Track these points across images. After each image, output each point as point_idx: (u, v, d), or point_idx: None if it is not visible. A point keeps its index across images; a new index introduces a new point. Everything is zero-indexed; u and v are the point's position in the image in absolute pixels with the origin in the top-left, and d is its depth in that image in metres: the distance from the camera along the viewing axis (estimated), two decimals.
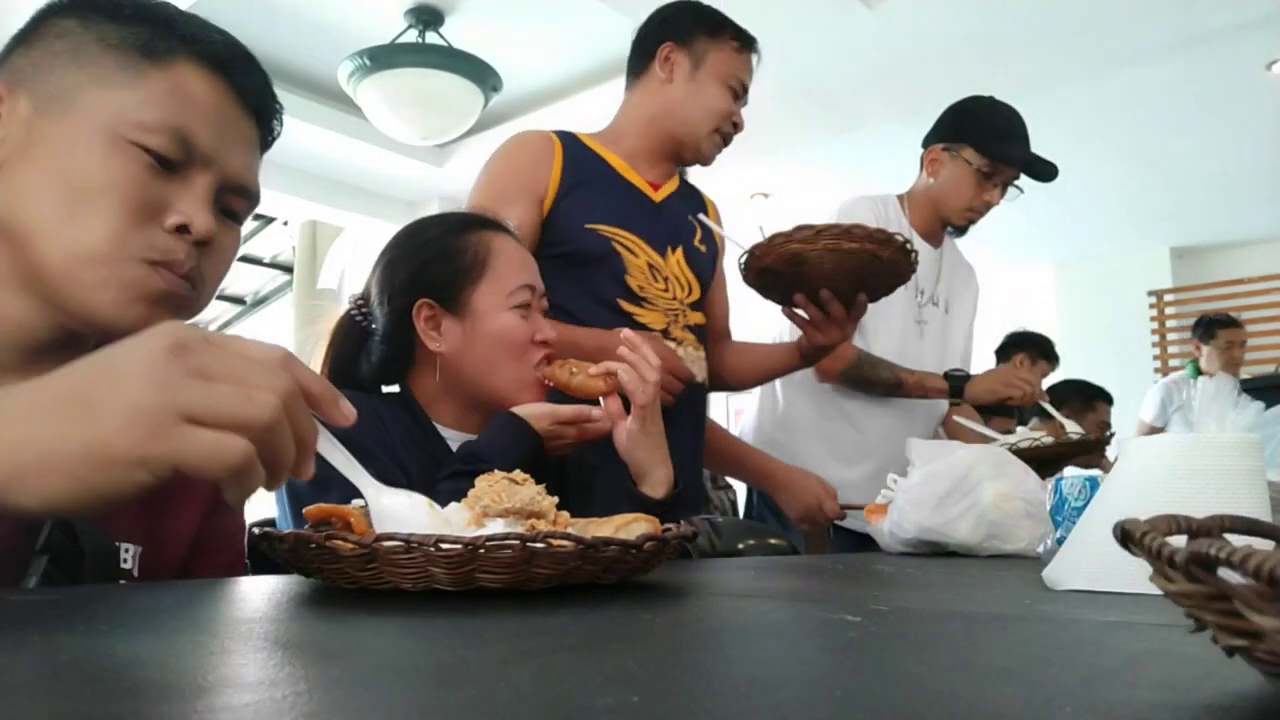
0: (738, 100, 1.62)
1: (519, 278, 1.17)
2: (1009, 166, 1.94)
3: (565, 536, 0.57)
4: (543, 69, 3.79)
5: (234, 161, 0.74)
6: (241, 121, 0.75)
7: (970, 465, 1.23)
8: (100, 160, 0.66)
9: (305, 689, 0.31)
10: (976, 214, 2.00)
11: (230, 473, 0.46)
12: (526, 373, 1.15)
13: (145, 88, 0.69)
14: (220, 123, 0.72)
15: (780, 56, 3.33)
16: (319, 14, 3.35)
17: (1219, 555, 0.26)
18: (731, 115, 1.60)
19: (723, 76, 1.59)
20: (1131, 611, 0.56)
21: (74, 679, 0.32)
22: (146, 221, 0.68)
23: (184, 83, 0.70)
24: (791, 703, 0.30)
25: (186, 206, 0.70)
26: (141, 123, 0.67)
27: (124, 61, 0.69)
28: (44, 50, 0.70)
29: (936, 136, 2.02)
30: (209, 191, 0.71)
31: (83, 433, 0.45)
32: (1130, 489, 0.72)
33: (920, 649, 0.43)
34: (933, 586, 0.78)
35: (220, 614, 0.54)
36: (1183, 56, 3.37)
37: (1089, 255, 5.78)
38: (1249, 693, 0.31)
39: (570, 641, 0.43)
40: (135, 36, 0.70)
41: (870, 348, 1.94)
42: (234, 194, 0.75)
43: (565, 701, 0.29)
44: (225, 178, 0.73)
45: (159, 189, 0.69)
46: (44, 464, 0.45)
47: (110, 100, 0.68)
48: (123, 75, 0.68)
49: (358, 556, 0.56)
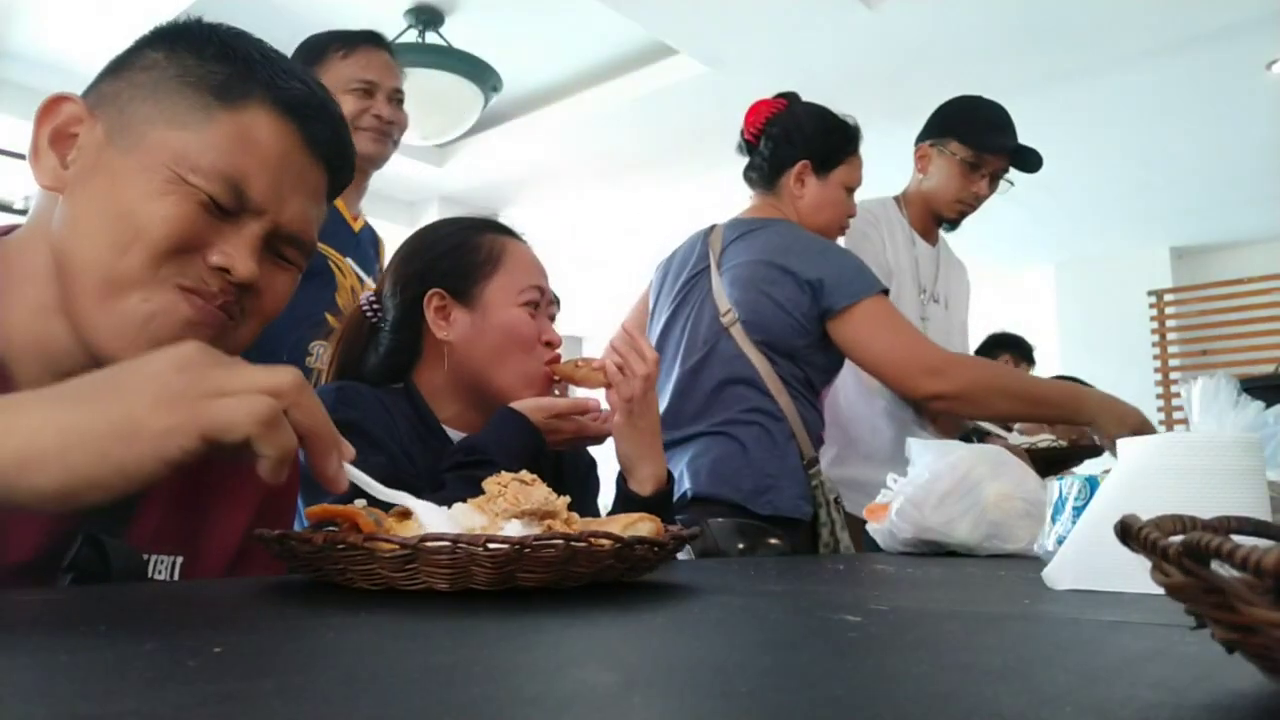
0: (372, 98, 1.74)
1: (530, 278, 1.19)
2: (994, 156, 1.98)
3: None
4: (543, 69, 3.80)
5: (289, 211, 0.72)
6: (307, 170, 0.74)
7: (970, 465, 1.24)
8: (155, 199, 0.66)
9: (308, 689, 0.31)
10: (967, 206, 2.02)
11: (259, 425, 0.49)
12: (532, 368, 1.16)
13: (211, 131, 0.68)
14: (282, 171, 0.71)
15: (780, 56, 3.34)
16: (319, 14, 3.35)
17: (1211, 548, 0.26)
18: (365, 110, 1.73)
19: (341, 85, 1.71)
20: (1131, 611, 0.56)
21: (74, 679, 0.32)
22: (187, 254, 0.68)
23: (251, 128, 0.69)
24: (791, 703, 0.30)
25: (229, 248, 0.69)
26: (199, 167, 0.67)
27: (197, 101, 0.68)
28: (128, 81, 0.70)
29: (925, 134, 2.07)
30: (257, 239, 0.70)
31: (110, 410, 0.48)
32: (1130, 489, 0.72)
33: (920, 649, 0.43)
34: (933, 586, 0.78)
35: (222, 614, 0.53)
36: (1183, 56, 3.37)
37: (1089, 255, 5.78)
38: (1249, 692, 0.31)
39: (571, 642, 0.43)
40: (213, 76, 0.69)
41: None
42: (287, 243, 0.74)
43: (565, 701, 0.29)
44: (278, 226, 0.72)
45: (207, 228, 0.68)
46: (65, 442, 0.47)
47: (175, 140, 0.67)
48: (192, 116, 0.68)
49: (396, 557, 0.56)
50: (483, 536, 0.57)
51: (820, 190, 1.78)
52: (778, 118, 1.84)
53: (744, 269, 1.69)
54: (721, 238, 1.79)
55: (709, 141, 4.10)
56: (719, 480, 1.58)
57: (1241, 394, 0.83)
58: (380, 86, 1.75)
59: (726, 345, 1.66)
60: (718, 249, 1.78)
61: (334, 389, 1.09)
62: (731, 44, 3.29)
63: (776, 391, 1.63)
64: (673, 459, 1.65)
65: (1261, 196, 4.83)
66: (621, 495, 1.12)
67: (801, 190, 1.78)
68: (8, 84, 3.59)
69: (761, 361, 1.63)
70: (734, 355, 1.65)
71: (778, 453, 1.61)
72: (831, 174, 1.79)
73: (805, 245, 1.69)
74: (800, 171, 1.77)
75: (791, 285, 1.64)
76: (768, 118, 1.85)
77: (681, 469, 1.63)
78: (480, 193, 4.80)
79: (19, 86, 3.60)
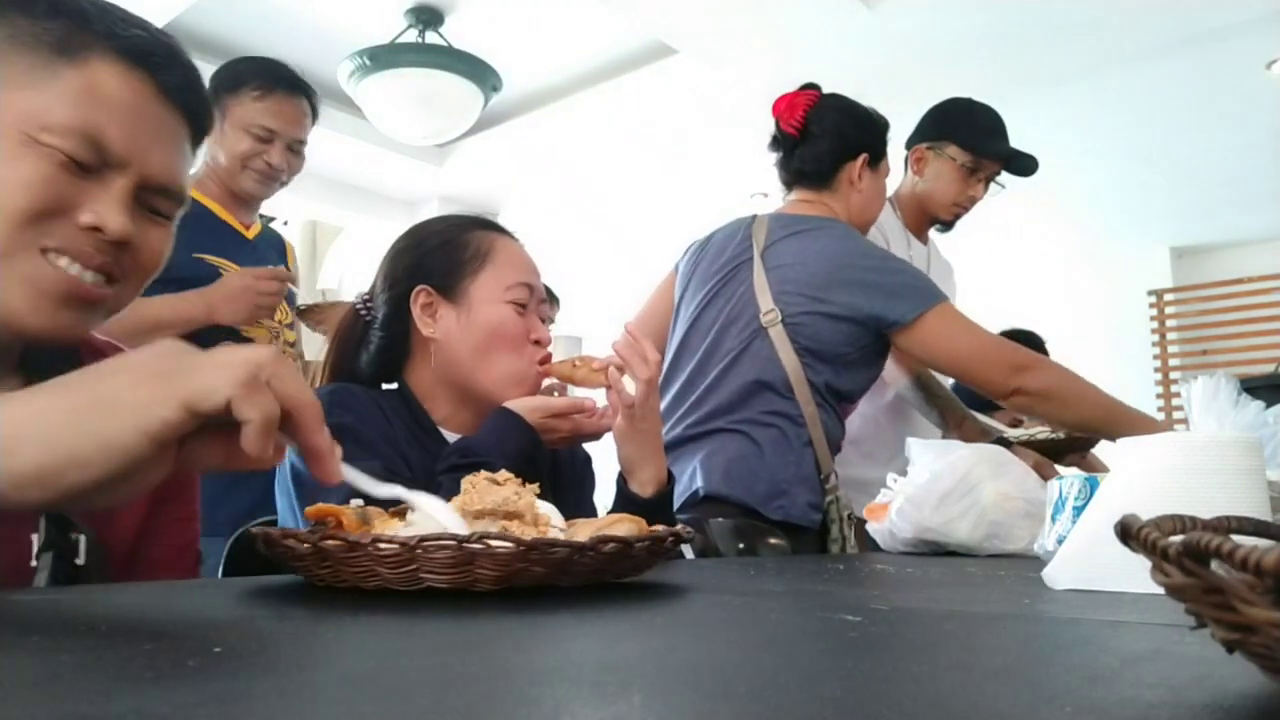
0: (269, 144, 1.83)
1: (518, 275, 1.17)
2: (992, 161, 2.00)
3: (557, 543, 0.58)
4: (543, 69, 3.79)
5: (154, 161, 0.70)
6: (165, 118, 0.72)
7: (970, 465, 1.24)
8: (9, 165, 0.64)
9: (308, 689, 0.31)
10: (963, 209, 2.05)
11: (239, 387, 0.49)
12: (520, 367, 1.14)
13: (57, 88, 0.66)
14: (139, 121, 0.69)
15: (780, 56, 3.34)
16: (319, 14, 3.35)
17: (1211, 548, 0.26)
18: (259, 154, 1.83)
19: (245, 124, 1.81)
20: (1131, 611, 0.56)
21: (74, 679, 0.32)
22: (54, 218, 0.66)
23: (99, 81, 0.67)
24: (791, 703, 0.30)
25: (99, 206, 0.67)
26: (51, 125, 0.65)
27: (37, 60, 0.66)
28: None
29: (920, 136, 2.07)
30: (125, 193, 0.69)
31: (89, 389, 0.49)
32: (1130, 489, 0.72)
33: (920, 649, 0.43)
34: (933, 586, 0.78)
35: (222, 614, 0.53)
36: (1183, 56, 3.37)
37: (1089, 254, 5.78)
38: (1249, 692, 0.31)
39: (571, 642, 0.43)
40: (49, 33, 0.67)
41: None
42: (156, 194, 0.72)
43: (565, 701, 0.29)
44: (145, 178, 0.70)
45: (71, 189, 0.66)
46: (44, 420, 0.47)
47: (20, 101, 0.65)
48: (34, 75, 0.66)
49: (395, 557, 0.56)
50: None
51: (873, 184, 1.79)
52: (822, 110, 1.81)
53: (797, 270, 1.66)
54: (768, 231, 1.76)
55: (709, 141, 4.10)
56: (733, 481, 1.57)
57: (1241, 393, 0.83)
58: (280, 135, 1.83)
59: (761, 346, 1.64)
60: (762, 242, 1.74)
61: (328, 392, 1.08)
62: (731, 44, 3.29)
63: (804, 399, 1.62)
64: (687, 453, 1.64)
65: (1261, 196, 4.83)
66: (622, 496, 1.11)
67: (860, 185, 1.77)
68: None
69: (795, 366, 1.62)
70: (768, 357, 1.64)
71: (793, 458, 1.60)
72: (880, 166, 1.81)
73: (867, 254, 1.68)
74: (861, 166, 1.77)
75: (853, 294, 1.62)
76: (806, 110, 1.82)
77: (695, 465, 1.61)
78: (480, 193, 4.80)
79: None
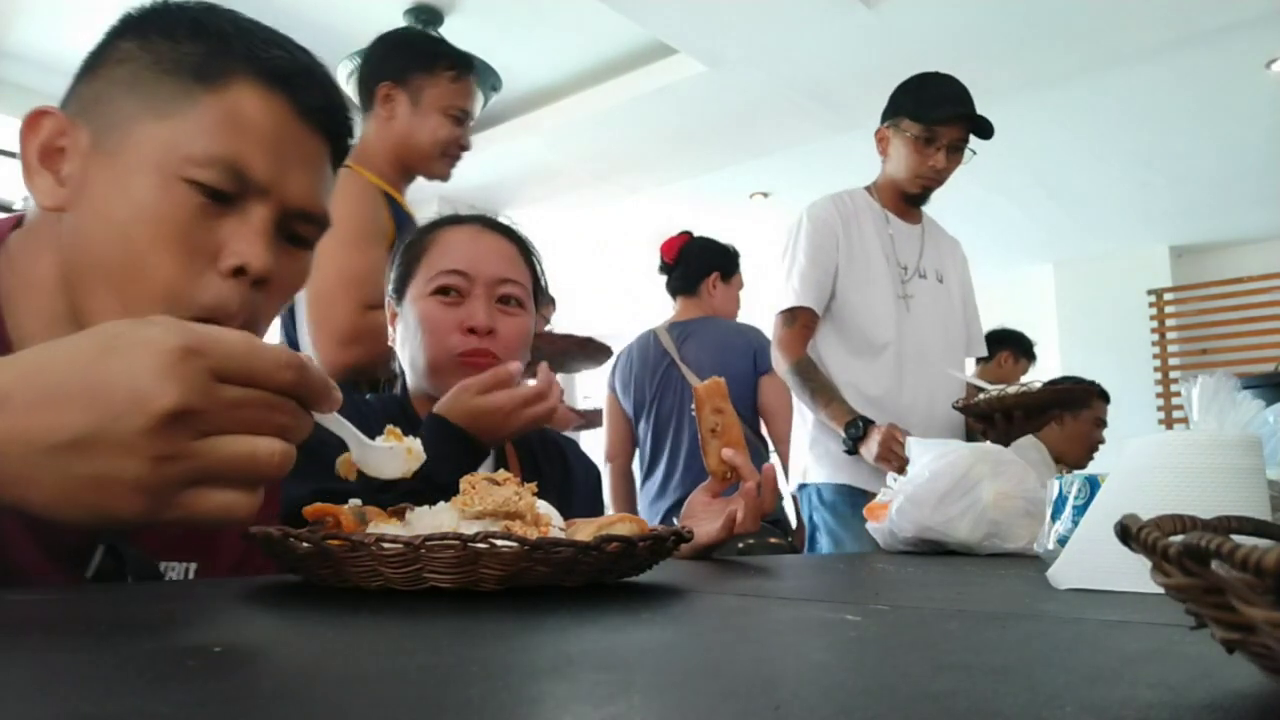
0: (463, 126, 1.85)
1: (444, 263, 1.12)
2: (945, 126, 2.01)
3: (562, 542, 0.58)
4: (543, 69, 3.79)
5: (294, 186, 0.68)
6: (305, 141, 0.69)
7: (970, 464, 1.24)
8: (151, 206, 0.62)
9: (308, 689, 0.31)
10: (928, 180, 2.07)
11: (240, 523, 0.48)
12: (434, 356, 1.10)
13: (197, 116, 0.64)
14: (279, 146, 0.67)
15: (780, 56, 3.34)
16: (319, 13, 3.35)
17: (1211, 548, 0.26)
18: (456, 139, 1.84)
19: (442, 106, 1.81)
20: (1132, 611, 0.56)
21: (74, 679, 0.32)
22: (201, 268, 0.64)
23: (239, 106, 0.65)
24: (791, 702, 0.30)
25: (242, 245, 0.65)
26: (191, 157, 0.63)
27: (178, 88, 0.65)
28: (106, 79, 0.66)
29: (881, 119, 2.13)
30: (266, 223, 0.67)
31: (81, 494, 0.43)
32: (1131, 488, 0.72)
33: (920, 649, 0.43)
34: (933, 586, 0.78)
35: (222, 614, 0.53)
36: (1182, 56, 3.37)
37: (1088, 254, 5.77)
38: (1249, 692, 0.31)
39: (571, 642, 0.43)
40: (189, 59, 0.65)
41: (854, 320, 2.06)
42: (298, 219, 0.70)
43: (565, 701, 0.29)
44: (286, 205, 0.68)
45: (213, 227, 0.65)
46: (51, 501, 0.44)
47: (162, 133, 0.64)
48: (175, 104, 0.64)
49: (399, 557, 0.56)
50: (497, 533, 0.57)
51: (726, 291, 2.74)
52: (688, 246, 2.76)
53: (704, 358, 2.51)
54: (672, 338, 2.61)
55: (708, 141, 4.10)
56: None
57: (1241, 393, 0.83)
58: (470, 116, 1.86)
59: None
60: (674, 349, 2.59)
61: None
62: (731, 44, 3.29)
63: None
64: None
65: (1261, 196, 4.83)
66: None
67: (714, 293, 2.71)
68: (8, 84, 3.59)
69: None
70: None
71: None
72: (732, 279, 2.76)
73: (740, 328, 2.67)
74: (714, 279, 2.72)
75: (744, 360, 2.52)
76: (680, 247, 2.75)
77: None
78: (480, 193, 4.80)
79: (19, 86, 3.60)
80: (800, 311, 2.04)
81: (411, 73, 1.79)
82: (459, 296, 1.11)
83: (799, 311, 2.04)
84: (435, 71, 1.80)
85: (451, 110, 1.81)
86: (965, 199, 4.61)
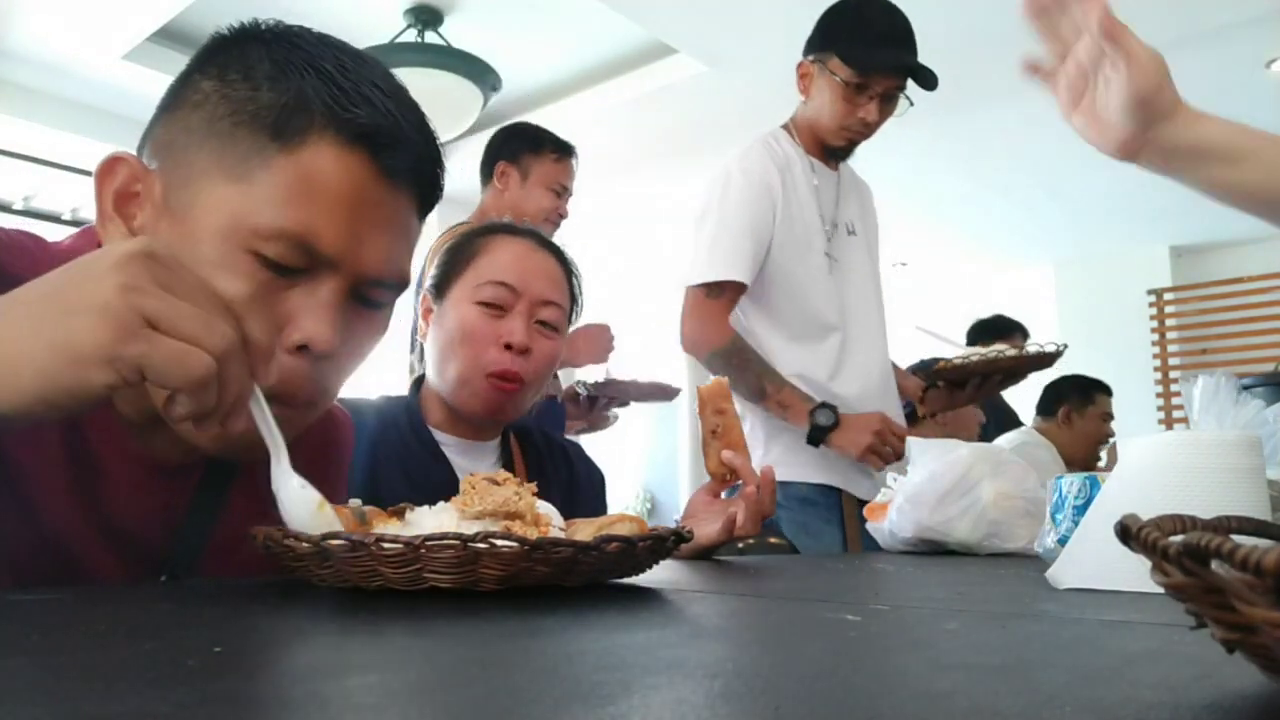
0: (561, 198, 2.33)
1: (496, 274, 1.12)
2: (880, 76, 1.68)
3: (557, 541, 0.58)
4: (543, 69, 3.79)
5: (369, 255, 0.63)
6: (386, 202, 0.64)
7: (970, 464, 1.24)
8: (218, 276, 0.59)
9: (307, 690, 0.31)
10: (854, 134, 1.76)
11: (192, 384, 0.49)
12: (465, 370, 1.10)
13: (269, 181, 0.60)
14: (355, 211, 0.62)
15: (780, 56, 3.33)
16: (318, 13, 3.35)
17: (1211, 547, 0.26)
18: (556, 209, 2.31)
19: (548, 183, 2.30)
20: (1132, 611, 0.56)
21: (74, 679, 0.32)
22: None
23: (314, 169, 0.61)
24: (791, 702, 0.30)
25: (308, 321, 0.62)
26: (259, 230, 0.60)
27: (252, 146, 0.61)
28: (182, 125, 0.63)
29: (807, 48, 1.78)
30: (336, 295, 0.63)
31: (52, 331, 0.47)
32: (1131, 488, 0.72)
33: (920, 648, 0.43)
34: (932, 585, 0.78)
35: (222, 614, 0.53)
36: (1182, 55, 3.34)
37: (1089, 254, 5.78)
38: (1249, 692, 0.31)
39: (571, 642, 0.43)
40: (267, 113, 0.61)
41: (791, 299, 1.75)
42: (372, 287, 0.66)
43: (565, 701, 0.29)
44: (359, 276, 0.64)
45: (280, 299, 0.61)
46: (13, 362, 0.47)
47: (232, 198, 0.60)
48: (247, 164, 0.60)
49: (399, 557, 0.56)
50: (499, 533, 0.57)
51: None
52: None
53: None
54: None
55: (708, 141, 4.10)
56: None
57: (1241, 392, 0.83)
58: (568, 191, 2.34)
59: None
60: None
61: None
62: (731, 44, 3.29)
63: None
64: None
65: None
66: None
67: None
68: (7, 84, 3.59)
69: None
70: None
71: None
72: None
73: None
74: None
75: None
76: None
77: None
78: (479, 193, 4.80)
79: (19, 87, 3.60)
80: (728, 285, 1.69)
81: (522, 154, 2.27)
82: (501, 310, 1.12)
83: (726, 285, 1.69)
84: (541, 153, 2.28)
85: (554, 185, 2.28)
86: (965, 199, 4.64)
